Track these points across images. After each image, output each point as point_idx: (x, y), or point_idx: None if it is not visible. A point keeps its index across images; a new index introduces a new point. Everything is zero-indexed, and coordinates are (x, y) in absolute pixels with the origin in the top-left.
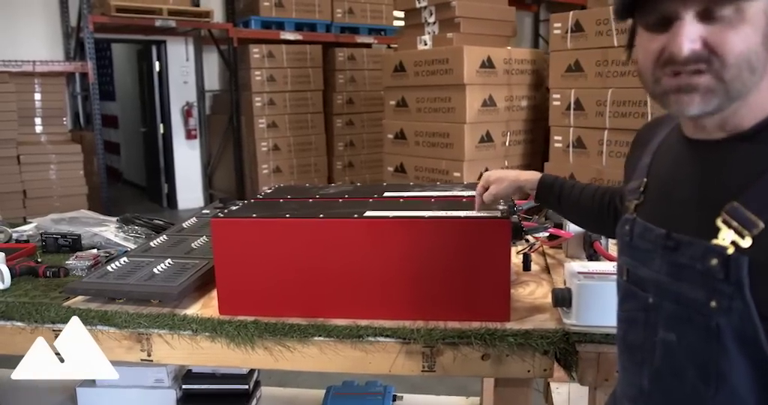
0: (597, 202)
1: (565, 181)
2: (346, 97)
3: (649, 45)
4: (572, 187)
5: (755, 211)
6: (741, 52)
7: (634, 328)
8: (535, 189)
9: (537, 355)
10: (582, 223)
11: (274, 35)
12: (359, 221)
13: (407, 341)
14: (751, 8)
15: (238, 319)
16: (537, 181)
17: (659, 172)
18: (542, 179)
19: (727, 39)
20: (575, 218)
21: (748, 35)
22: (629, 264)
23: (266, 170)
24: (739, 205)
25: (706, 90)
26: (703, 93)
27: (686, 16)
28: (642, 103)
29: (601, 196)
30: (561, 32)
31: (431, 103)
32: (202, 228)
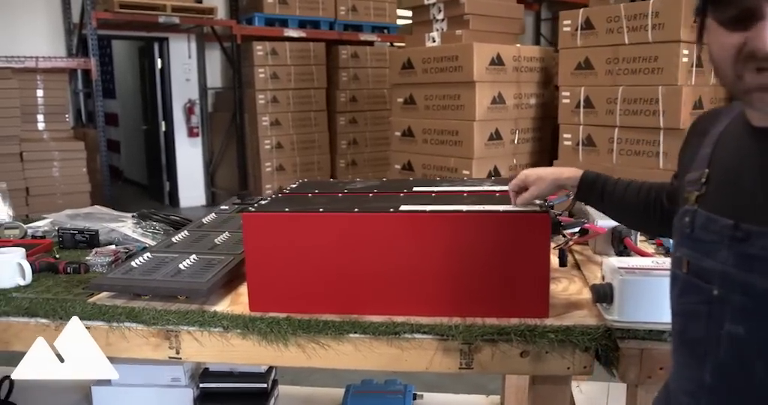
0: (643, 199)
1: (608, 178)
2: (349, 94)
3: (726, 40)
4: (615, 184)
5: None
6: None
7: (695, 321)
8: (577, 186)
9: (577, 352)
10: (625, 219)
11: (278, 32)
12: (396, 215)
13: (445, 338)
14: None
15: (269, 315)
16: (578, 179)
17: (723, 163)
18: (584, 176)
19: None
20: (618, 215)
21: None
22: (690, 256)
23: (269, 168)
24: None
25: None
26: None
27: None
28: (653, 101)
29: (647, 193)
30: (571, 30)
31: (440, 100)
32: (223, 224)
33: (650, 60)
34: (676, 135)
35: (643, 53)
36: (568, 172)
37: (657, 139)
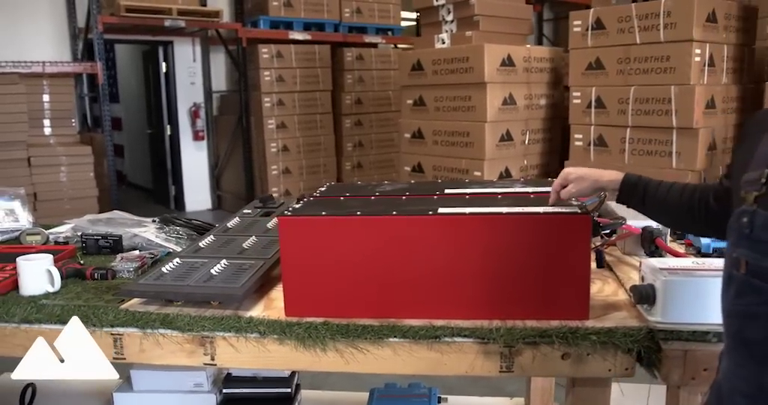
0: (686, 200)
1: (649, 180)
2: (354, 97)
3: None
4: (658, 186)
5: None
6: None
7: (753, 323)
8: (618, 189)
9: (618, 354)
10: (666, 221)
11: (283, 35)
12: (436, 218)
13: (485, 341)
14: None
15: (306, 320)
16: (620, 182)
17: None
18: (626, 179)
19: None
20: (660, 217)
21: None
22: (749, 256)
23: (275, 171)
24: None
25: None
26: None
27: None
28: (666, 101)
29: (691, 194)
30: (581, 30)
31: (450, 101)
32: (249, 228)
33: (662, 59)
34: (689, 134)
35: (655, 53)
36: (608, 176)
37: (670, 139)
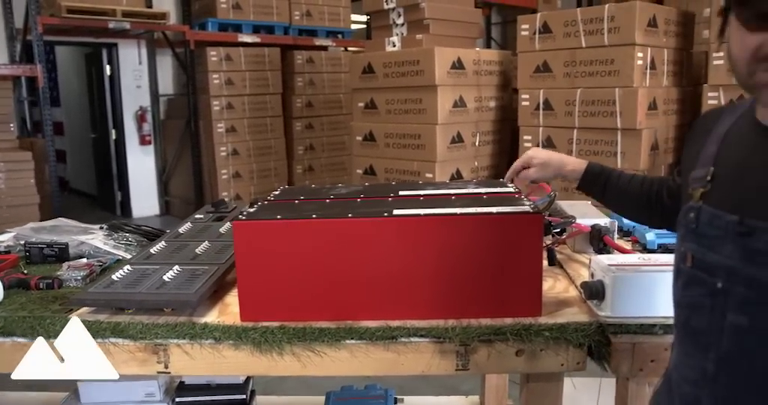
0: (645, 192)
1: (612, 170)
2: (305, 100)
3: (745, 40)
4: (619, 177)
5: None
6: None
7: (699, 313)
8: (580, 178)
9: (570, 349)
10: (626, 211)
11: (232, 38)
12: (391, 220)
13: (441, 340)
14: None
15: (262, 325)
16: (582, 171)
17: (729, 160)
18: (589, 167)
19: None
20: (619, 206)
21: None
22: (695, 250)
23: (225, 175)
24: None
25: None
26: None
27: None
28: (610, 103)
29: (650, 186)
30: (529, 34)
31: (402, 104)
32: (201, 233)
33: (607, 63)
34: (633, 135)
35: (600, 56)
36: (571, 165)
37: (615, 140)
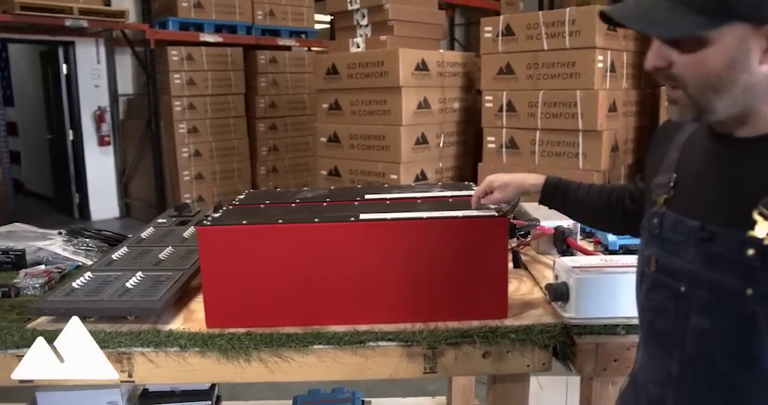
0: (605, 201)
1: (569, 182)
2: (268, 100)
3: None
4: (578, 188)
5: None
6: (698, 75)
7: (663, 316)
8: (540, 192)
9: (536, 350)
10: (588, 220)
11: (194, 37)
12: (358, 224)
13: (409, 344)
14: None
15: (229, 331)
16: (542, 185)
17: (689, 167)
18: (548, 181)
19: (684, 62)
20: (581, 217)
21: (708, 60)
22: (659, 255)
23: (187, 177)
24: None
25: (681, 103)
26: (680, 105)
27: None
28: (572, 104)
29: (609, 194)
30: (492, 36)
31: (366, 105)
32: (164, 238)
33: (568, 65)
34: (594, 136)
35: (562, 59)
36: (531, 180)
37: (576, 141)
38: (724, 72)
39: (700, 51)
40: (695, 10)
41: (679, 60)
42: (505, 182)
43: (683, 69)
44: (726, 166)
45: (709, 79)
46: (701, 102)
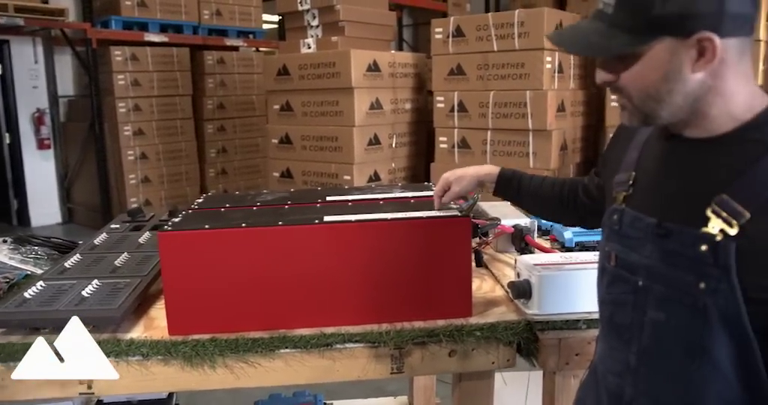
0: (557, 193)
1: (523, 174)
2: (216, 101)
3: None
4: (531, 179)
5: (742, 202)
6: (637, 86)
7: (621, 309)
8: (495, 182)
9: (500, 347)
10: (541, 212)
11: (138, 37)
12: (323, 226)
13: (376, 345)
14: (650, 50)
15: (192, 338)
16: (497, 175)
17: (647, 166)
18: (502, 173)
19: (626, 76)
20: (534, 208)
21: (645, 72)
22: (618, 250)
23: (134, 180)
24: (728, 197)
25: (630, 110)
26: (628, 112)
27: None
28: (522, 105)
29: (561, 187)
30: (442, 37)
31: (318, 106)
32: (119, 244)
33: (517, 66)
34: (543, 136)
35: (511, 60)
36: (486, 170)
37: (527, 141)
38: (661, 83)
39: (636, 65)
40: (626, 31)
41: (622, 74)
42: (460, 175)
43: (626, 82)
44: (681, 166)
45: (648, 91)
46: (645, 110)
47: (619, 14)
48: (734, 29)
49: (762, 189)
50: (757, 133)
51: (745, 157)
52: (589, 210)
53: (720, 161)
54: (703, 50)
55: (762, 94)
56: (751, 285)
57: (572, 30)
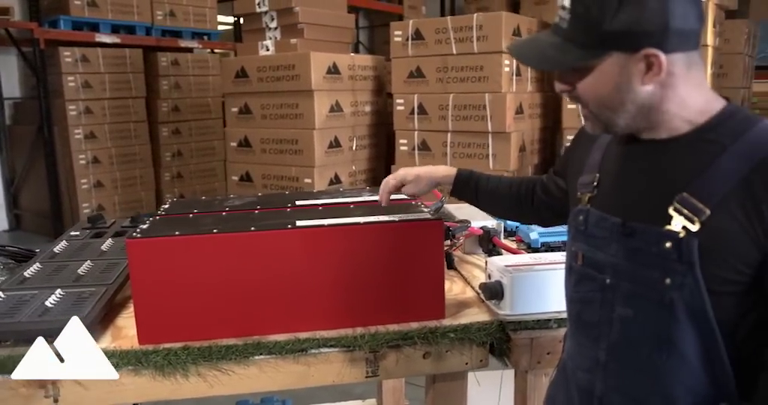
0: (514, 192)
1: (480, 175)
2: (171, 104)
3: None
4: (488, 180)
5: (702, 200)
6: (592, 97)
7: (590, 307)
8: (452, 184)
9: (474, 348)
10: (499, 211)
11: (88, 37)
12: (296, 231)
13: (351, 349)
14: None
15: (164, 347)
16: (453, 177)
17: (611, 168)
18: (458, 174)
19: (582, 86)
20: (493, 209)
21: (598, 84)
22: (585, 250)
23: (86, 185)
24: (688, 195)
25: (591, 119)
26: (590, 120)
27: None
28: (481, 107)
29: (518, 186)
30: (402, 40)
31: (277, 109)
32: (81, 251)
33: (476, 69)
34: (503, 138)
35: (470, 63)
36: (442, 171)
37: (486, 143)
38: (613, 94)
39: (589, 77)
40: (579, 46)
41: (578, 84)
42: (418, 175)
43: (582, 92)
44: (643, 167)
45: (602, 101)
46: (603, 119)
47: (573, 29)
48: (680, 44)
49: (720, 186)
50: (713, 134)
51: (702, 156)
52: (546, 206)
53: (679, 161)
54: (650, 65)
55: (716, 98)
56: (712, 277)
57: (530, 42)
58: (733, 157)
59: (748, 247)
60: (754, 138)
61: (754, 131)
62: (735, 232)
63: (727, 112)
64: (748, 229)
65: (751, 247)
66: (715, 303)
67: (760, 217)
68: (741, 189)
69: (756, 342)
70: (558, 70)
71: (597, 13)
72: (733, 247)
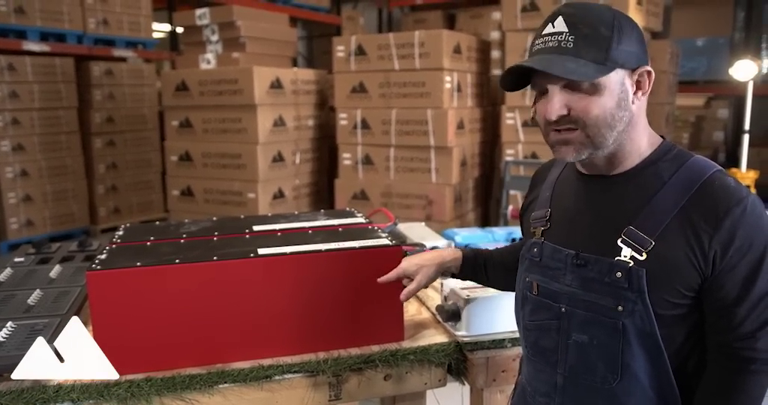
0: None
1: (479, 250)
2: (105, 115)
3: (541, 107)
4: (491, 253)
5: (646, 231)
6: (597, 115)
7: (546, 334)
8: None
9: (433, 368)
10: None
11: (15, 45)
12: (259, 260)
13: (314, 374)
14: (607, 81)
15: (126, 379)
16: (461, 259)
17: (561, 203)
18: (465, 255)
19: (585, 106)
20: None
21: (604, 102)
22: (540, 280)
23: (13, 199)
24: (634, 228)
25: (579, 143)
26: (576, 145)
27: (555, 90)
28: (423, 122)
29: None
30: (344, 55)
31: (220, 123)
32: (28, 279)
33: (419, 85)
34: (445, 152)
35: (412, 79)
36: (449, 255)
37: (429, 157)
38: (616, 110)
39: (595, 94)
40: (591, 61)
41: (577, 105)
42: (422, 265)
43: (581, 112)
44: (593, 201)
45: (605, 117)
46: (597, 139)
47: (582, 48)
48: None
49: (660, 218)
50: (654, 168)
51: (645, 191)
52: None
53: (626, 195)
54: (640, 82)
55: (654, 133)
56: (660, 302)
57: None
58: (670, 190)
59: (689, 271)
60: (688, 172)
61: (687, 166)
62: (678, 259)
63: (665, 147)
64: (690, 255)
65: (692, 272)
66: (661, 325)
67: (699, 243)
68: (680, 219)
69: (698, 358)
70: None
71: (606, 33)
72: (677, 273)
